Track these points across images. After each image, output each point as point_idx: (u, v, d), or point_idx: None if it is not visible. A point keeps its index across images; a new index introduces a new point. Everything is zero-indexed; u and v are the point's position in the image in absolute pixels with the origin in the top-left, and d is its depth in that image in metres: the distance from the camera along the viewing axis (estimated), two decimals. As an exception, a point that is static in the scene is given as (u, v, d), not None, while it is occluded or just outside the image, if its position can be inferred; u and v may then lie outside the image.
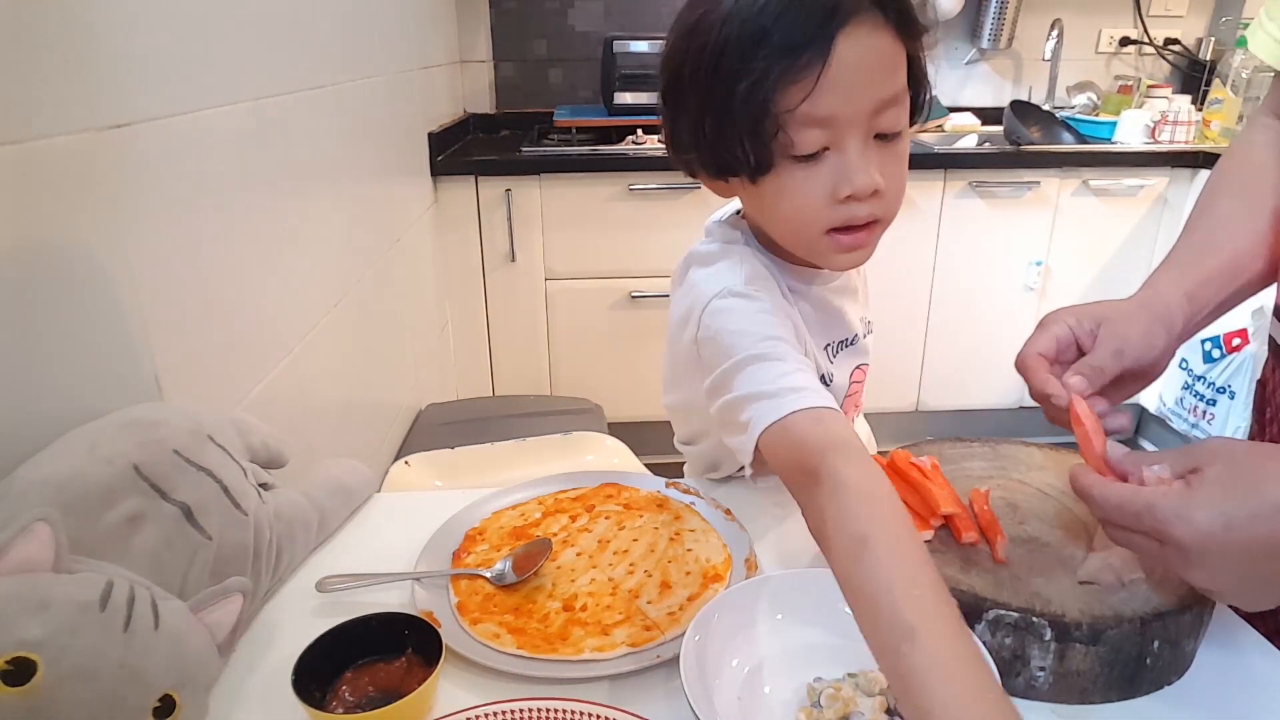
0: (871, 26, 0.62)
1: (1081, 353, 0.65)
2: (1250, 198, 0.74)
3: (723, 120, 0.64)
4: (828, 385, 0.81)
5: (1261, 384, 0.82)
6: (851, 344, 0.85)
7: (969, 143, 2.60)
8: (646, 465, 1.16)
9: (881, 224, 0.69)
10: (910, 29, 0.65)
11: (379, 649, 0.58)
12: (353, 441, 1.42)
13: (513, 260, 2.23)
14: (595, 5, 2.65)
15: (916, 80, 0.68)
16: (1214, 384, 2.20)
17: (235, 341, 0.98)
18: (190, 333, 0.86)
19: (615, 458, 1.36)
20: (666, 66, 0.69)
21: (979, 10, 2.69)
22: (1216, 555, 0.50)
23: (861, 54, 0.61)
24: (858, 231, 0.68)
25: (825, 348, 0.82)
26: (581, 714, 0.53)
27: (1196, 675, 0.59)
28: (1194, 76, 2.79)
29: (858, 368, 0.86)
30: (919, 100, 0.69)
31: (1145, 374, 0.66)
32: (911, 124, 0.69)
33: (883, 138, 0.66)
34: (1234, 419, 2.13)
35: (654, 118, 2.40)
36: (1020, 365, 0.65)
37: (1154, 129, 2.45)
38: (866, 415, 1.07)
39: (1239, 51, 2.51)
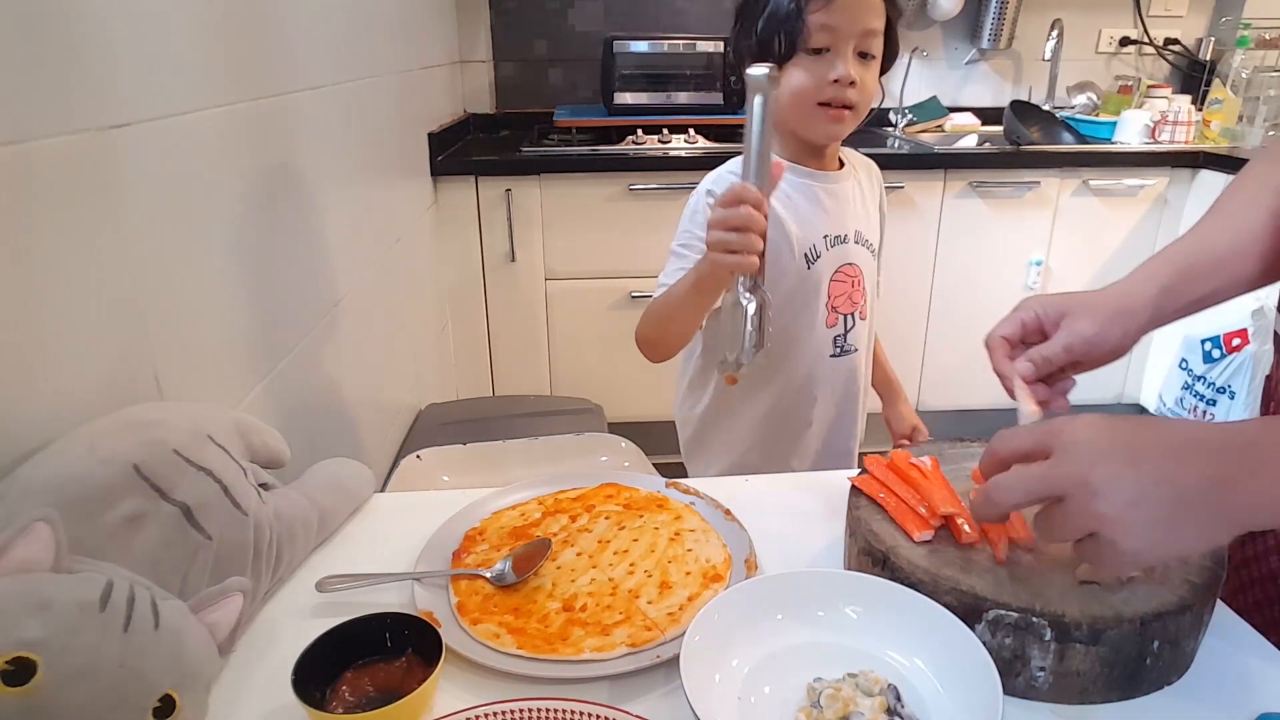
0: None
1: (1045, 337, 0.72)
2: (1254, 196, 0.75)
3: (769, 24, 1.01)
4: (810, 264, 1.08)
5: (1269, 379, 0.82)
6: (842, 240, 1.11)
7: (969, 143, 2.60)
8: (673, 464, 1.18)
9: (854, 112, 1.03)
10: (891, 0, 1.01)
11: (379, 649, 0.58)
12: (353, 441, 1.42)
13: (513, 260, 2.23)
14: (595, 5, 2.65)
15: (890, 39, 1.04)
16: (1214, 384, 2.20)
17: (235, 341, 0.98)
18: (190, 333, 0.86)
19: (626, 460, 1.36)
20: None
21: (979, 10, 2.69)
22: (1109, 451, 0.50)
23: None
24: (840, 110, 1.01)
25: (824, 237, 1.09)
26: (581, 714, 0.53)
27: (1196, 675, 0.59)
28: (1194, 76, 2.79)
29: (847, 265, 1.11)
30: (891, 51, 1.05)
31: (1098, 362, 0.72)
32: (882, 70, 1.06)
33: (863, 56, 1.01)
34: (1234, 419, 2.13)
35: (654, 118, 2.40)
36: (986, 344, 0.74)
37: (1154, 129, 2.46)
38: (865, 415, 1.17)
39: (1239, 51, 2.52)
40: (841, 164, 1.14)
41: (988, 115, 2.73)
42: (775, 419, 1.13)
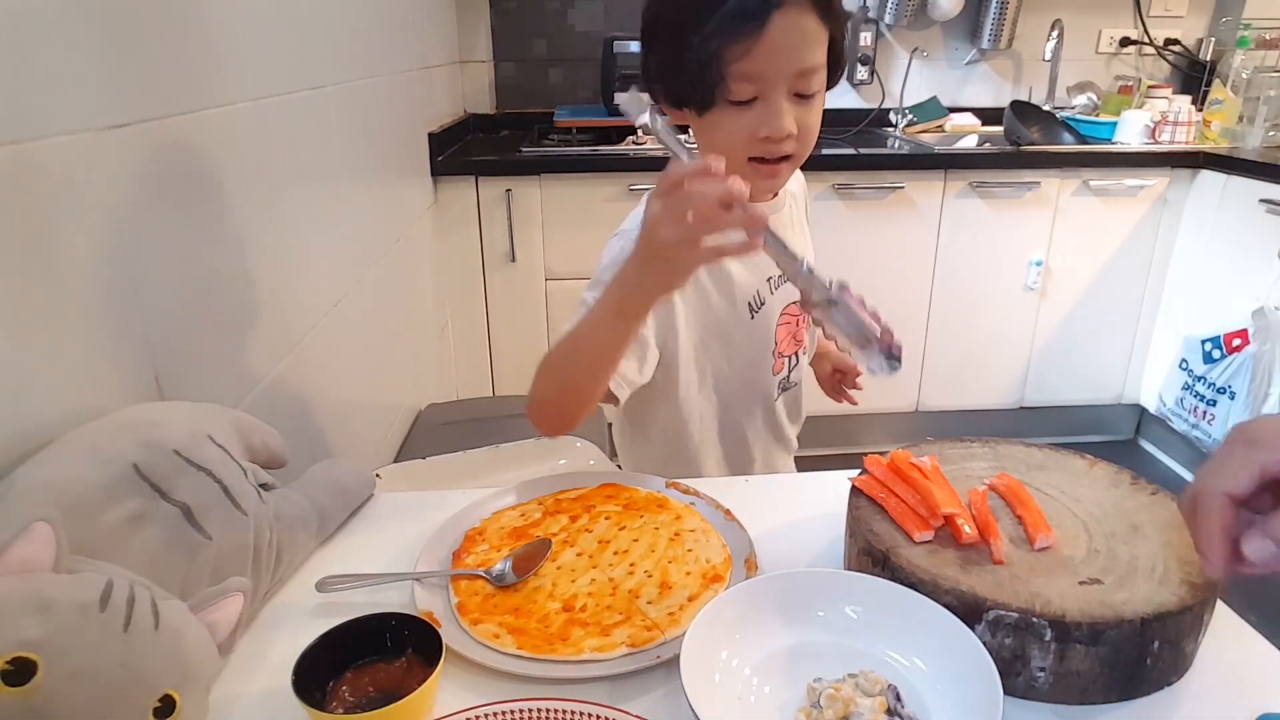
0: (800, 11, 0.78)
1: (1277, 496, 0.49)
2: None
3: (680, 62, 0.81)
4: (756, 310, 0.97)
5: None
6: (785, 279, 0.95)
7: (969, 143, 2.60)
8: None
9: (794, 160, 0.86)
10: (833, 17, 0.81)
11: (379, 649, 0.58)
12: (353, 441, 1.42)
13: (513, 260, 2.23)
14: (595, 5, 2.65)
15: (835, 57, 0.84)
16: (1214, 384, 2.20)
17: (235, 341, 0.98)
18: (190, 333, 0.86)
19: (590, 459, 1.36)
20: (646, 11, 0.85)
21: (979, 10, 2.69)
22: None
23: (789, 31, 0.78)
24: (774, 164, 0.85)
25: (768, 280, 0.97)
26: (581, 714, 0.53)
27: (1196, 675, 0.59)
28: (1194, 77, 2.79)
29: (791, 304, 1.00)
30: (836, 71, 0.86)
31: None
32: (829, 88, 0.86)
33: (801, 96, 0.82)
34: (1234, 419, 2.13)
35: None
36: (1199, 501, 0.49)
37: (1154, 129, 2.46)
38: (865, 415, 1.11)
39: (1239, 51, 2.52)
40: (775, 193, 0.98)
41: (988, 115, 2.73)
42: (714, 461, 1.04)
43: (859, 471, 0.74)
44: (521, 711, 0.53)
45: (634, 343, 0.84)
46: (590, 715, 0.52)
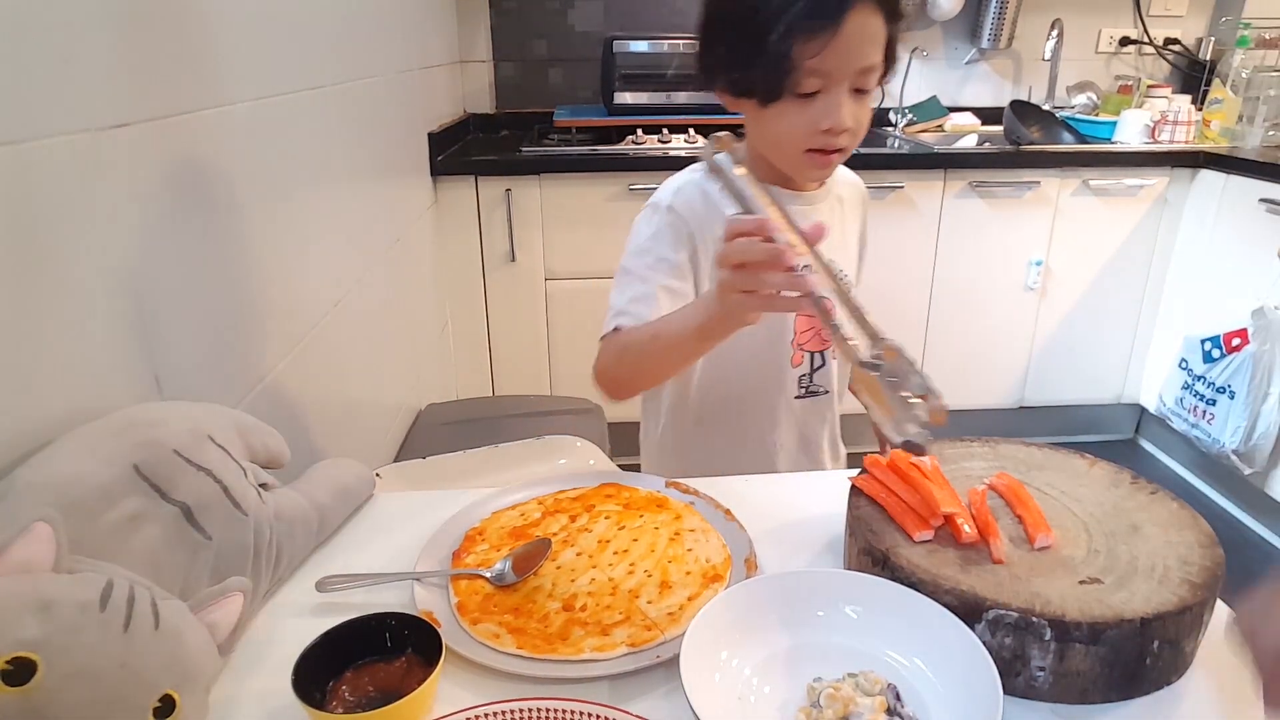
0: (870, 12, 0.82)
1: None
2: None
3: (751, 58, 0.84)
4: None
5: None
6: (810, 270, 0.92)
7: (969, 143, 2.60)
8: (639, 465, 1.16)
9: (845, 153, 0.90)
10: (895, 19, 0.86)
11: (379, 649, 0.58)
12: (353, 441, 1.42)
13: (513, 260, 2.23)
14: (595, 5, 2.64)
15: (890, 56, 0.89)
16: (1214, 384, 2.20)
17: (235, 341, 0.98)
18: (190, 333, 0.86)
19: (591, 459, 1.36)
20: (710, 6, 0.90)
21: (979, 10, 2.69)
22: None
23: (860, 31, 0.82)
24: (829, 154, 0.89)
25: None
26: (581, 714, 0.53)
27: (1196, 675, 0.59)
28: (1194, 76, 2.79)
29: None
30: (889, 70, 0.90)
31: None
32: (880, 84, 0.90)
33: (858, 92, 0.87)
34: (1234, 419, 2.13)
35: (654, 118, 2.40)
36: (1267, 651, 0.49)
37: (1154, 129, 2.46)
38: (865, 415, 1.10)
39: (1239, 51, 2.52)
40: (821, 182, 1.01)
41: (988, 115, 2.73)
42: (732, 461, 1.03)
43: (859, 471, 0.74)
44: (521, 711, 0.53)
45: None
46: (590, 715, 0.52)
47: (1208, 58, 2.75)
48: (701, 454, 1.06)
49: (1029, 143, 2.44)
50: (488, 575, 0.68)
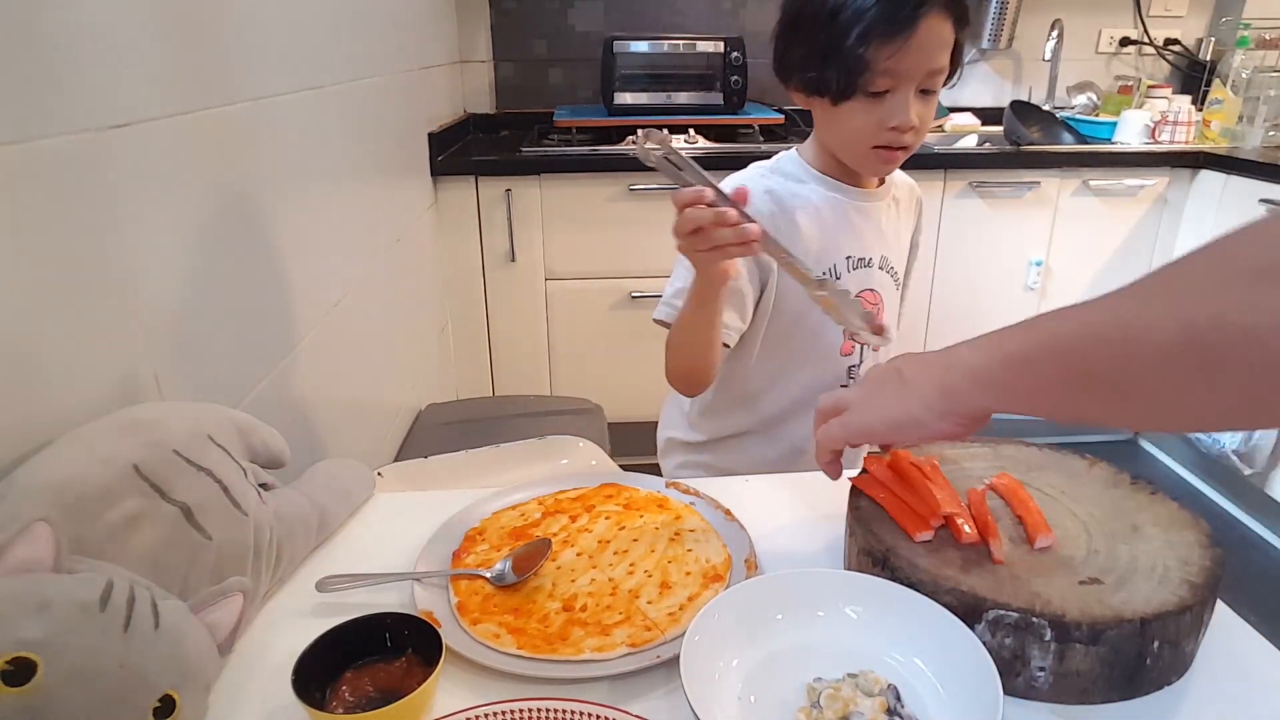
0: (941, 17, 0.88)
1: None
2: None
3: (828, 58, 0.90)
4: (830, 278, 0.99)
5: None
6: (866, 264, 1.05)
7: (969, 143, 2.60)
8: (640, 465, 1.16)
9: (909, 150, 0.96)
10: (963, 23, 0.92)
11: (379, 649, 0.58)
12: (353, 441, 1.42)
13: (513, 260, 2.23)
14: (595, 5, 2.65)
15: (956, 58, 0.94)
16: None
17: (235, 341, 0.98)
18: (190, 333, 0.86)
19: (593, 459, 1.36)
20: (790, 7, 0.95)
21: (979, 10, 2.69)
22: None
23: (932, 35, 0.88)
24: (894, 151, 0.95)
25: (847, 259, 1.04)
26: (581, 714, 0.53)
27: (1196, 675, 0.59)
28: (1194, 77, 2.79)
29: (868, 290, 1.05)
30: (954, 72, 0.97)
31: None
32: (945, 86, 0.96)
33: (925, 92, 0.93)
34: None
35: (654, 118, 2.40)
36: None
37: (1154, 129, 2.45)
38: None
39: (1239, 51, 2.52)
40: (882, 181, 1.07)
41: (988, 115, 2.73)
42: (774, 440, 1.09)
43: (859, 471, 0.74)
44: (521, 711, 0.53)
45: (732, 297, 0.97)
46: (590, 715, 0.52)
47: (1208, 58, 2.75)
48: (744, 434, 1.10)
49: (1029, 143, 2.44)
50: (488, 575, 0.68)
